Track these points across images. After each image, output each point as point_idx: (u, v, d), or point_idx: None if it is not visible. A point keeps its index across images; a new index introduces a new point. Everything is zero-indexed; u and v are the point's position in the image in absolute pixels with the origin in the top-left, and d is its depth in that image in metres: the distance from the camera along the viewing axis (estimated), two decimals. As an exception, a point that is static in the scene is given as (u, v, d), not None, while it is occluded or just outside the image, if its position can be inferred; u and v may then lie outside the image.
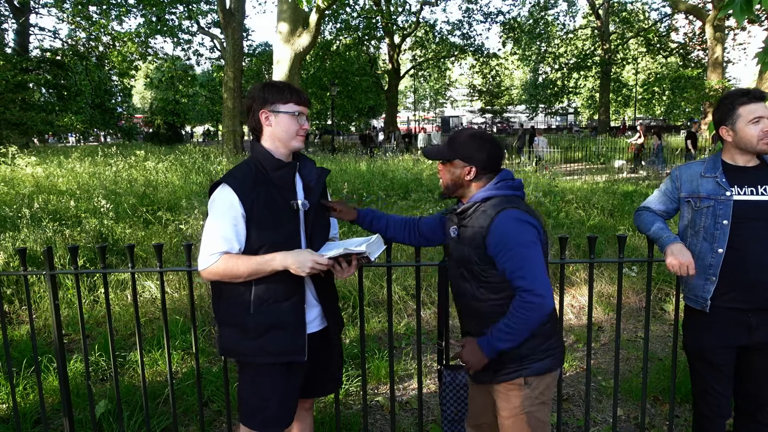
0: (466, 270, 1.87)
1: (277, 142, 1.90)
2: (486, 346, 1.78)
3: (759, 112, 2.01)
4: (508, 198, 1.82)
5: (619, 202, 9.32)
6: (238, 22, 19.18)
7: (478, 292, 1.86)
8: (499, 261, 1.76)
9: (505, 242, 1.73)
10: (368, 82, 31.40)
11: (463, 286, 1.91)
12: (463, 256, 1.86)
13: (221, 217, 1.81)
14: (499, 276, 1.79)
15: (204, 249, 1.82)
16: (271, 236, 1.85)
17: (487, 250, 1.77)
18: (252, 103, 1.90)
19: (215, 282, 1.90)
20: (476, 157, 1.84)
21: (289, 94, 1.88)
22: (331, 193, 2.34)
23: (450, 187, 1.90)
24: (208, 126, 49.02)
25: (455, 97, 59.30)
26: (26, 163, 10.87)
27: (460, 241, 1.88)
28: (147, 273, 5.15)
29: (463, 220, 1.87)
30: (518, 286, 1.72)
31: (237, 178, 1.84)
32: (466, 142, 1.86)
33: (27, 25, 22.82)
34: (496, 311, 1.81)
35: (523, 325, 1.72)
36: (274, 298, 1.88)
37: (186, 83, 33.04)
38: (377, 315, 4.61)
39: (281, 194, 1.88)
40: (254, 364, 1.94)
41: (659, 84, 28.73)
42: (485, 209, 1.80)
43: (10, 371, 2.68)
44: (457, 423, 2.30)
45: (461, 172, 1.85)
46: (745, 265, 2.02)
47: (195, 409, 3.12)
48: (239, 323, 1.90)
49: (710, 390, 2.19)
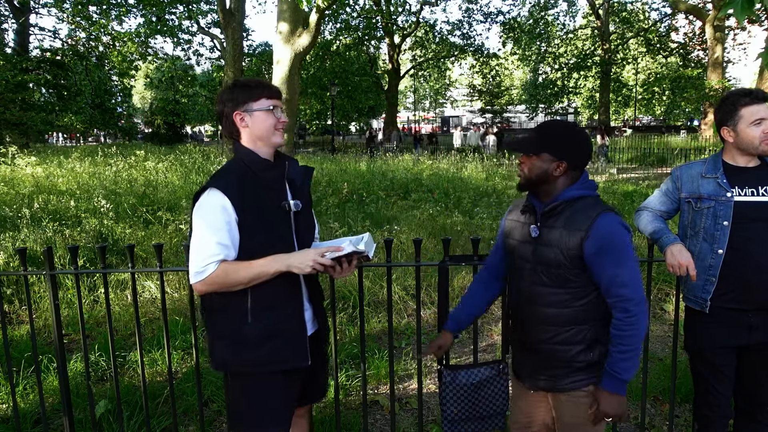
0: (546, 273, 1.74)
1: (257, 141, 1.83)
2: (615, 386, 1.67)
3: (761, 114, 2.00)
4: (598, 199, 1.74)
5: (619, 202, 9.32)
6: (238, 22, 19.18)
7: (559, 297, 1.73)
8: (599, 266, 1.66)
9: (611, 247, 1.64)
10: (368, 82, 31.39)
11: (537, 290, 1.77)
12: (546, 257, 1.73)
13: (213, 223, 1.71)
14: (585, 281, 1.70)
15: (197, 259, 1.71)
16: (265, 239, 1.77)
17: (584, 252, 1.66)
18: (223, 107, 1.82)
19: (206, 293, 1.80)
20: (568, 152, 1.72)
21: (259, 90, 1.81)
22: (331, 192, 2.33)
23: (532, 181, 1.75)
24: (200, 127, 48.90)
25: (455, 97, 59.26)
26: (26, 163, 10.87)
27: (542, 241, 1.75)
28: (147, 273, 5.15)
29: (548, 219, 1.74)
30: (620, 294, 1.64)
31: (225, 182, 1.75)
32: (558, 135, 1.75)
33: (27, 25, 22.81)
34: (576, 318, 1.73)
35: (638, 338, 1.65)
36: (273, 304, 1.81)
37: (186, 83, 33.01)
38: (377, 315, 4.61)
39: (271, 196, 1.82)
40: (252, 373, 1.85)
41: (659, 84, 28.76)
42: (581, 209, 1.69)
43: (10, 371, 2.68)
44: (457, 423, 2.29)
45: (550, 167, 1.72)
46: (745, 266, 2.02)
47: (195, 409, 3.12)
48: (237, 335, 1.81)
49: (711, 390, 2.19)
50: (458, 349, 4.05)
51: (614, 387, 1.68)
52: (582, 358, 1.74)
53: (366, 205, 8.77)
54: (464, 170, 13.45)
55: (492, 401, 2.17)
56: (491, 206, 8.55)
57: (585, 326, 1.74)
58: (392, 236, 6.25)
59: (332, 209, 8.28)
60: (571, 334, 1.74)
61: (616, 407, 1.69)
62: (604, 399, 1.70)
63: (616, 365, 1.67)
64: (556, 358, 1.77)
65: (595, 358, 1.74)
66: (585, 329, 1.74)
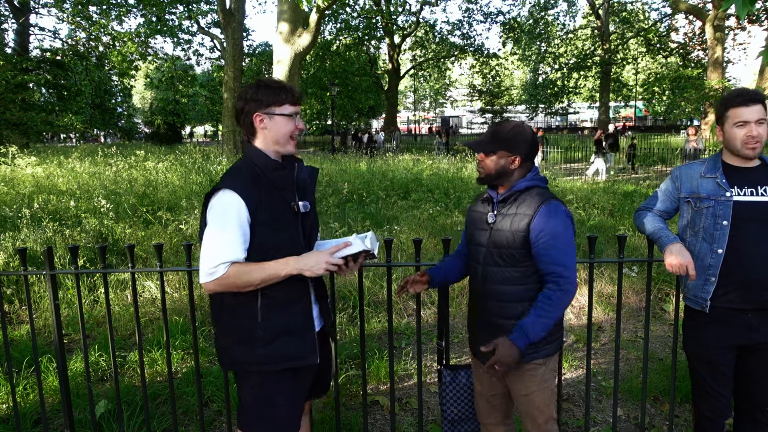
0: (500, 255, 1.94)
1: (271, 144, 1.83)
2: (520, 339, 1.82)
3: (745, 116, 1.99)
4: (546, 189, 1.97)
5: (619, 202, 9.33)
6: (238, 22, 19.18)
7: (510, 275, 1.93)
8: (541, 247, 1.85)
9: (552, 231, 1.85)
10: (368, 82, 31.41)
11: (493, 270, 1.97)
12: (501, 240, 1.93)
13: (227, 224, 1.71)
14: (531, 261, 1.90)
15: (208, 259, 1.71)
16: (275, 240, 1.79)
17: (530, 235, 1.86)
18: (245, 105, 1.82)
19: (216, 292, 1.80)
20: (520, 148, 1.93)
21: (284, 95, 1.81)
22: (331, 192, 2.34)
23: (493, 176, 1.97)
24: (190, 128, 48.71)
25: (455, 97, 59.32)
26: (26, 163, 10.88)
27: (496, 226, 1.96)
28: (147, 273, 5.15)
29: (503, 207, 1.97)
30: (555, 272, 1.85)
31: (238, 182, 1.75)
32: (509, 134, 1.95)
33: (27, 25, 22.82)
34: (521, 295, 1.92)
35: (559, 311, 1.85)
36: (283, 303, 1.82)
37: (186, 83, 33.01)
38: (377, 315, 4.61)
39: (282, 196, 1.83)
40: (262, 371, 1.86)
41: (659, 84, 28.70)
42: (529, 197, 1.92)
43: (10, 371, 2.68)
44: (457, 423, 2.30)
45: (506, 162, 1.95)
46: (745, 266, 2.02)
47: (195, 409, 3.12)
48: (247, 333, 1.82)
49: (710, 390, 2.19)
50: (458, 349, 4.05)
51: (519, 340, 1.82)
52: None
53: (366, 205, 8.77)
54: (464, 170, 13.45)
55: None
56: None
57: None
58: (392, 236, 6.25)
59: (332, 209, 8.28)
60: (522, 308, 1.91)
61: (509, 357, 1.81)
62: (506, 347, 1.81)
63: (530, 325, 1.83)
64: (508, 332, 1.88)
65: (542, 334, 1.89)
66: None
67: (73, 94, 25.35)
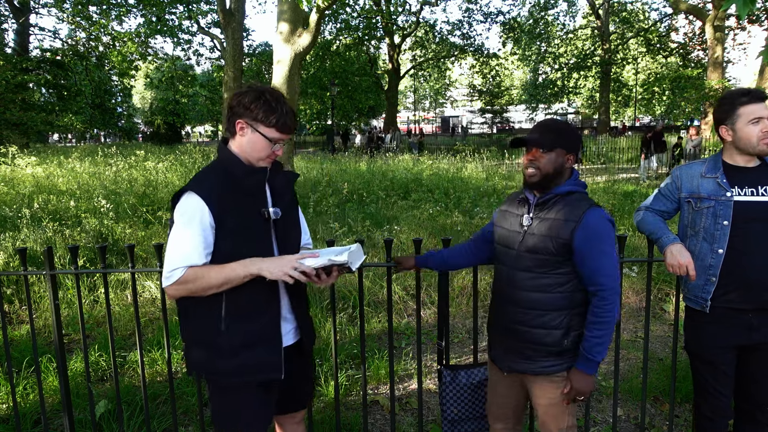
0: (534, 260, 1.85)
1: (243, 154, 1.78)
2: (589, 367, 1.80)
3: (759, 113, 2.00)
4: (586, 195, 1.89)
5: (619, 202, 9.32)
6: (238, 22, 19.17)
7: (541, 282, 1.84)
8: (584, 255, 1.78)
9: (598, 239, 1.77)
10: (368, 82, 31.37)
11: (521, 275, 1.88)
12: (536, 245, 1.84)
13: (188, 228, 1.66)
14: (567, 269, 1.82)
15: (167, 263, 1.67)
16: (243, 247, 1.71)
17: (574, 242, 1.78)
18: (236, 106, 1.75)
19: (180, 299, 1.76)
20: (575, 146, 1.86)
21: (276, 119, 1.73)
22: (331, 192, 2.33)
23: (551, 175, 1.84)
24: (188, 129, 48.66)
25: (455, 97, 59.26)
26: (26, 163, 10.88)
27: (532, 230, 1.87)
28: (147, 273, 5.15)
29: (540, 210, 1.88)
30: (602, 283, 1.77)
31: (204, 186, 1.70)
32: (565, 131, 1.87)
33: (27, 25, 22.80)
34: (546, 304, 1.84)
35: (611, 324, 1.78)
36: (247, 314, 1.75)
37: (186, 83, 32.97)
38: (377, 315, 4.61)
39: (251, 202, 1.76)
40: (224, 383, 1.82)
41: (659, 84, 28.70)
42: (571, 202, 1.83)
43: (10, 371, 2.68)
44: (457, 423, 2.30)
45: (563, 161, 1.85)
46: (745, 266, 2.02)
47: (195, 409, 3.12)
48: (210, 343, 1.76)
49: (711, 390, 2.19)
50: (458, 349, 4.05)
51: (588, 368, 1.80)
52: (557, 343, 1.85)
53: (366, 205, 8.77)
54: (464, 170, 13.45)
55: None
56: (491, 206, 8.55)
57: (563, 312, 1.84)
58: (392, 236, 6.25)
59: (332, 209, 8.28)
60: (549, 318, 1.84)
61: (589, 386, 1.82)
62: (579, 379, 1.82)
63: (592, 348, 1.79)
64: (533, 340, 1.87)
65: (569, 345, 1.86)
66: (562, 315, 1.84)
67: (73, 94, 25.33)
